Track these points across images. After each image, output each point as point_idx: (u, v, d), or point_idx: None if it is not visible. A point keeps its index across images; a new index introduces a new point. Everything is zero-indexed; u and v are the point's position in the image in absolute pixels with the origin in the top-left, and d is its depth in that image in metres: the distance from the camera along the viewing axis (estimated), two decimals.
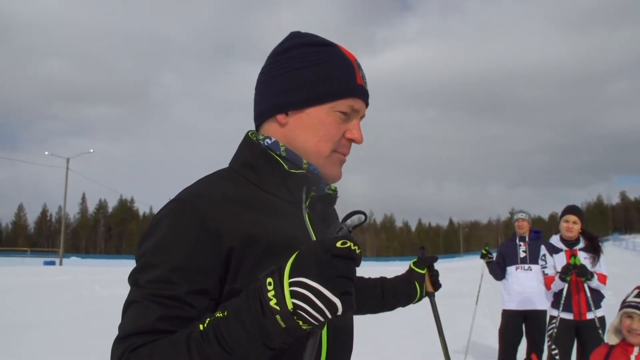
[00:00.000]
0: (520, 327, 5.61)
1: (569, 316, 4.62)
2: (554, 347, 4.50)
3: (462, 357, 6.30)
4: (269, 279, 0.82)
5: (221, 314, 0.85)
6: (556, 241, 4.90)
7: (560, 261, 4.71)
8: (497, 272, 5.84)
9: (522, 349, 5.59)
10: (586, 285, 4.53)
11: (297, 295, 0.80)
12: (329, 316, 0.81)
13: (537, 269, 5.36)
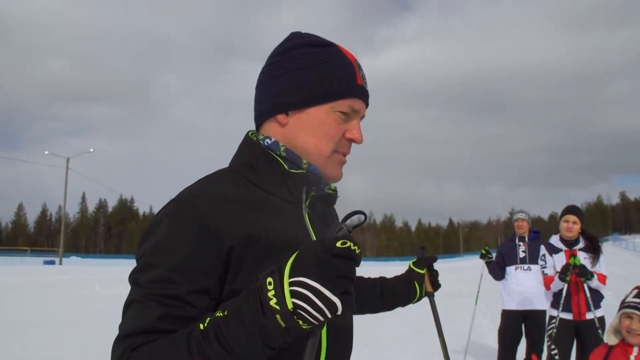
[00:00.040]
0: (519, 327, 5.61)
1: (568, 316, 4.62)
2: (554, 347, 4.50)
3: (462, 357, 6.30)
4: (269, 279, 0.83)
5: (221, 314, 0.85)
6: (556, 241, 4.90)
7: (559, 261, 4.71)
8: (497, 272, 5.84)
9: (522, 349, 5.59)
10: (586, 285, 4.54)
11: (297, 294, 0.80)
12: (329, 316, 0.82)
13: (537, 269, 5.36)
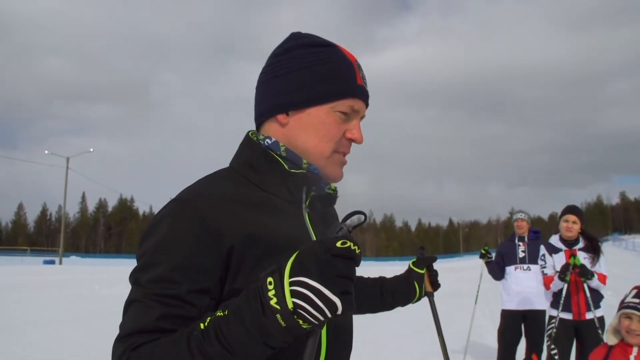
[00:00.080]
0: (519, 327, 5.61)
1: (568, 316, 4.63)
2: (553, 347, 4.50)
3: (461, 357, 6.31)
4: (270, 278, 0.83)
5: (222, 313, 0.85)
6: (556, 241, 4.90)
7: (559, 261, 4.71)
8: (496, 272, 5.84)
9: (522, 349, 5.60)
10: (586, 285, 4.54)
11: (298, 294, 0.80)
12: (329, 315, 0.82)
13: (536, 269, 5.36)
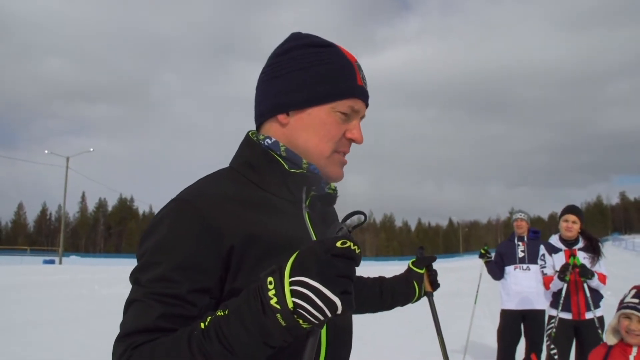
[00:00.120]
0: (518, 327, 5.62)
1: (567, 316, 4.63)
2: (553, 346, 4.51)
3: (461, 356, 6.31)
4: (270, 278, 0.83)
5: (222, 313, 0.85)
6: (555, 241, 4.91)
7: (559, 261, 4.71)
8: (496, 271, 5.84)
9: (521, 349, 5.60)
10: (585, 285, 4.54)
11: (298, 294, 0.81)
12: (329, 315, 0.82)
13: (536, 268, 5.37)
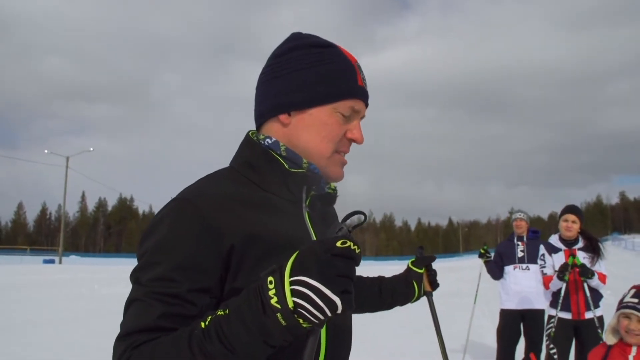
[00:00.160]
0: (518, 326, 5.62)
1: (567, 315, 4.63)
2: (552, 346, 4.51)
3: (461, 356, 6.31)
4: (270, 278, 0.83)
5: (223, 312, 0.86)
6: (555, 241, 4.91)
7: (559, 261, 4.72)
8: (495, 271, 5.85)
9: (521, 349, 5.60)
10: (585, 284, 4.54)
11: (298, 293, 0.81)
12: (329, 314, 0.82)
13: (535, 268, 5.37)
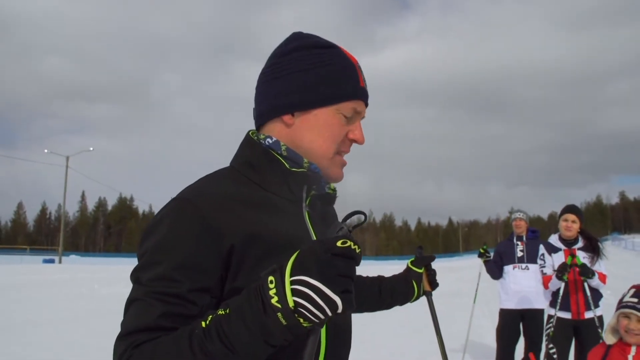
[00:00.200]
0: (517, 326, 5.63)
1: (566, 315, 4.64)
2: (552, 346, 4.51)
3: (460, 356, 6.32)
4: (271, 277, 0.84)
5: (223, 312, 0.86)
6: (555, 240, 4.91)
7: (558, 260, 4.72)
8: (494, 271, 5.85)
9: (520, 348, 5.61)
10: (585, 284, 4.55)
11: (298, 293, 0.81)
12: (330, 314, 0.83)
13: (535, 268, 5.38)
